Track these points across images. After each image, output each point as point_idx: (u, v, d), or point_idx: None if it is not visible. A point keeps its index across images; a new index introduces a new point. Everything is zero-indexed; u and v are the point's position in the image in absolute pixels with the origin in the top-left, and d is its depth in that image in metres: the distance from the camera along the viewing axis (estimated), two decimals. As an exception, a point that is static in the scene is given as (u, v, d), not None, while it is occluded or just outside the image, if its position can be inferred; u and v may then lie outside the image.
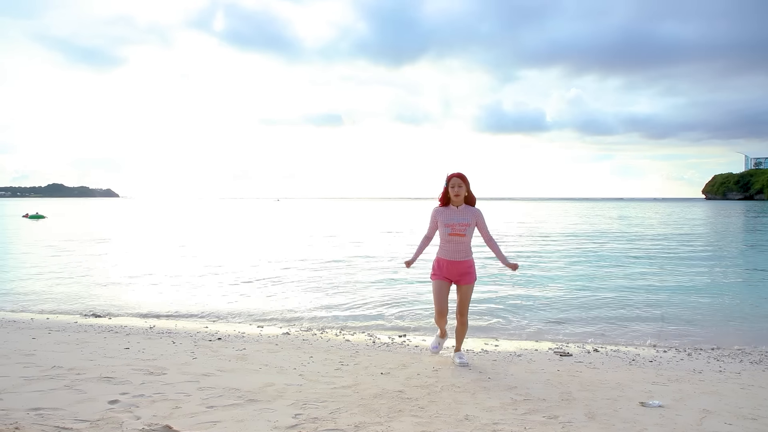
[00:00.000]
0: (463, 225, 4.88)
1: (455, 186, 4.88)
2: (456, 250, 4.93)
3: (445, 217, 4.94)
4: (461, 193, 4.89)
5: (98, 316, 8.41)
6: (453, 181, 4.89)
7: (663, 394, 4.19)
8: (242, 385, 4.01)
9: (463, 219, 4.90)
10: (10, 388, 3.79)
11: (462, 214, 4.93)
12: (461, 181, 4.89)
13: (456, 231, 4.88)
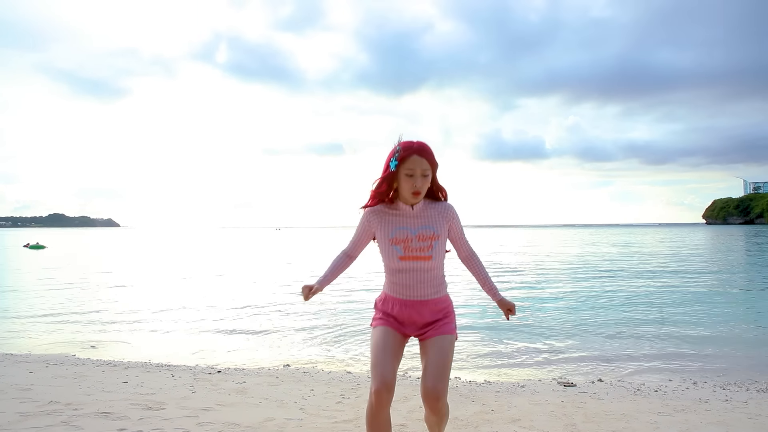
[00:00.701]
0: (427, 238, 2.72)
1: (416, 170, 2.65)
2: (417, 282, 2.75)
3: (390, 225, 2.76)
4: (425, 186, 2.70)
5: (96, 348, 8.33)
6: (411, 161, 2.65)
7: (669, 425, 4.12)
8: (242, 420, 3.95)
9: (425, 227, 2.74)
10: (5, 424, 3.72)
11: (423, 218, 2.76)
12: (427, 162, 2.67)
13: (413, 252, 2.72)
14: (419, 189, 2.67)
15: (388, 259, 2.78)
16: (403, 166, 2.66)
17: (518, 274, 21.14)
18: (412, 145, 2.68)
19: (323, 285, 2.84)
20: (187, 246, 56.00)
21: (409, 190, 2.67)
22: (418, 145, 2.69)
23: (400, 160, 2.66)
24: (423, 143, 2.72)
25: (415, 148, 2.67)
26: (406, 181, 2.67)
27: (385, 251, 2.78)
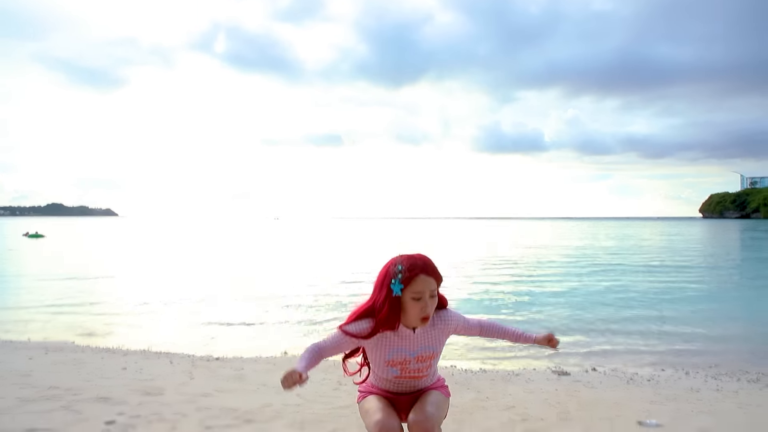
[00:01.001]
0: (426, 359, 2.53)
1: (424, 293, 2.37)
2: (409, 386, 2.59)
3: (386, 348, 2.49)
4: (433, 308, 2.44)
5: (95, 335, 8.40)
6: (419, 282, 2.36)
7: (660, 413, 4.19)
8: (240, 405, 4.00)
9: (425, 348, 2.51)
10: (5, 409, 3.78)
11: (424, 339, 2.50)
12: (434, 281, 2.41)
13: (411, 372, 2.53)
14: (429, 313, 2.40)
15: (380, 372, 2.56)
16: (409, 289, 2.36)
17: (516, 266, 21.23)
18: (416, 263, 2.38)
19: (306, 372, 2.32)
20: (185, 236, 56.02)
21: (417, 315, 2.39)
22: (421, 260, 2.40)
23: (405, 282, 2.36)
24: (425, 257, 2.45)
25: (420, 265, 2.38)
26: (413, 306, 2.37)
27: (377, 365, 2.55)
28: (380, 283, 2.43)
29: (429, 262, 2.41)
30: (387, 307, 2.38)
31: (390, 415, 2.46)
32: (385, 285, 2.39)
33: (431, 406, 2.49)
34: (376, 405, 2.51)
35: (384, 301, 2.39)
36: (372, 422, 2.43)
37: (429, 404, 2.50)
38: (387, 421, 2.41)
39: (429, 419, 2.42)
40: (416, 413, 2.46)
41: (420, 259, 2.41)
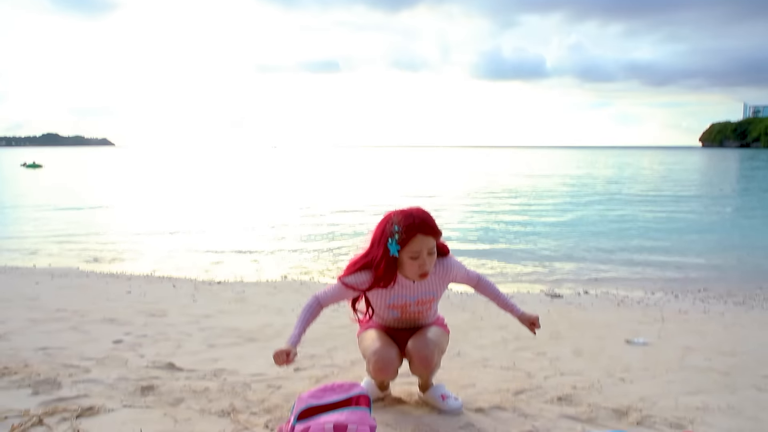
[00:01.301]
0: (426, 302, 2.60)
1: (422, 252, 2.36)
2: (410, 323, 2.69)
3: (387, 294, 2.54)
4: (432, 264, 2.43)
5: (99, 261, 8.56)
6: (416, 243, 2.34)
7: (648, 332, 4.34)
8: (242, 325, 4.14)
9: (425, 293, 2.56)
10: (17, 329, 3.91)
11: (424, 285, 2.54)
12: (433, 239, 2.39)
13: (411, 314, 2.63)
14: (427, 270, 2.40)
15: (382, 313, 2.65)
16: (407, 249, 2.34)
17: (515, 196, 21.33)
18: (413, 223, 2.33)
19: (297, 344, 2.45)
20: (183, 166, 55.84)
21: (415, 273, 2.40)
22: (419, 219, 2.34)
23: (402, 243, 2.33)
24: (423, 213, 2.39)
25: (418, 225, 2.32)
26: (411, 265, 2.38)
27: (378, 308, 2.63)
28: (377, 240, 2.42)
29: (427, 219, 2.37)
30: (383, 266, 2.40)
31: (388, 345, 2.55)
32: (382, 244, 2.38)
33: (430, 333, 2.60)
34: (375, 336, 2.61)
35: (381, 259, 2.40)
36: (370, 351, 2.53)
37: (428, 332, 2.61)
38: (384, 351, 2.50)
39: (428, 345, 2.52)
40: (415, 340, 2.55)
41: (418, 217, 2.35)
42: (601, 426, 2.46)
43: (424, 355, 2.49)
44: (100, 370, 3.06)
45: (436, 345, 2.55)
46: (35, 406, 2.51)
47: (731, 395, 2.88)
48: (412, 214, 2.36)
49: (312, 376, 3.05)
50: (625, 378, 3.13)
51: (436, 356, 2.54)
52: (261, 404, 2.62)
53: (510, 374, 3.16)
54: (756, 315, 5.34)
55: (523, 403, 2.70)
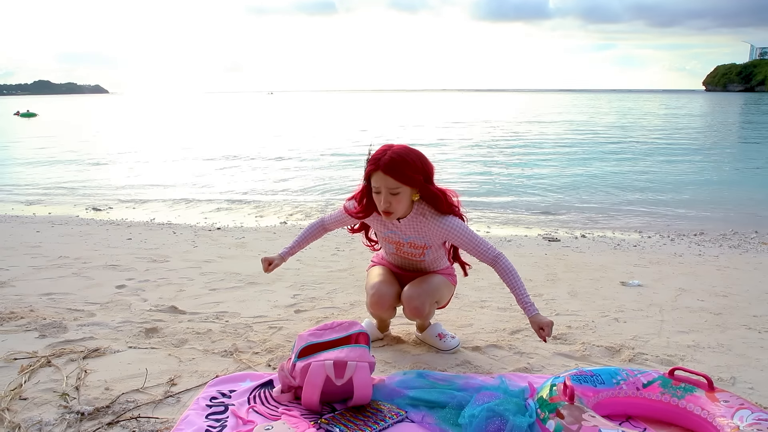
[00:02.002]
0: (419, 247, 2.55)
1: (380, 189, 2.32)
2: (412, 266, 2.69)
3: (383, 227, 2.57)
4: (397, 206, 2.34)
5: (99, 209, 8.58)
6: (375, 178, 2.32)
7: (643, 274, 4.41)
8: (242, 269, 4.20)
9: (415, 238, 2.52)
10: (20, 276, 3.96)
11: (413, 229, 2.49)
12: (395, 181, 2.28)
13: (406, 255, 2.62)
14: (386, 209, 2.33)
15: (382, 245, 2.73)
16: (371, 181, 2.35)
17: (516, 139, 21.19)
18: (379, 159, 2.28)
19: (286, 257, 2.66)
20: (180, 113, 55.19)
21: (379, 207, 2.38)
22: (387, 159, 2.26)
23: (366, 174, 2.36)
24: (396, 154, 2.28)
25: (381, 163, 2.27)
26: (376, 198, 2.37)
27: (379, 238, 2.70)
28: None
29: (396, 158, 2.27)
30: (360, 194, 2.49)
31: (388, 283, 2.60)
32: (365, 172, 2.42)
33: (427, 284, 2.57)
34: (378, 273, 2.69)
35: (361, 191, 2.48)
36: (369, 285, 2.61)
37: (425, 282, 2.57)
38: (382, 287, 2.56)
39: (420, 296, 2.51)
40: (410, 288, 2.56)
41: (387, 153, 2.29)
42: (594, 363, 2.53)
43: (415, 306, 2.52)
44: (105, 313, 3.13)
45: (430, 296, 2.54)
46: (43, 348, 2.58)
47: (721, 334, 2.95)
48: (384, 150, 2.32)
49: (312, 318, 3.11)
50: (618, 318, 3.20)
51: (428, 307, 2.53)
52: (263, 344, 2.68)
53: (506, 315, 3.22)
54: (750, 258, 5.41)
55: (518, 342, 2.77)
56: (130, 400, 2.10)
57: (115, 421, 1.94)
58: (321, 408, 2.03)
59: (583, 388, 1.90)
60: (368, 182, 2.37)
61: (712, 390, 1.88)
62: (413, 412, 2.00)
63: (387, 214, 2.36)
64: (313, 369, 1.99)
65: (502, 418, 1.78)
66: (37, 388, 2.18)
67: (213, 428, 1.89)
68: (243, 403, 2.08)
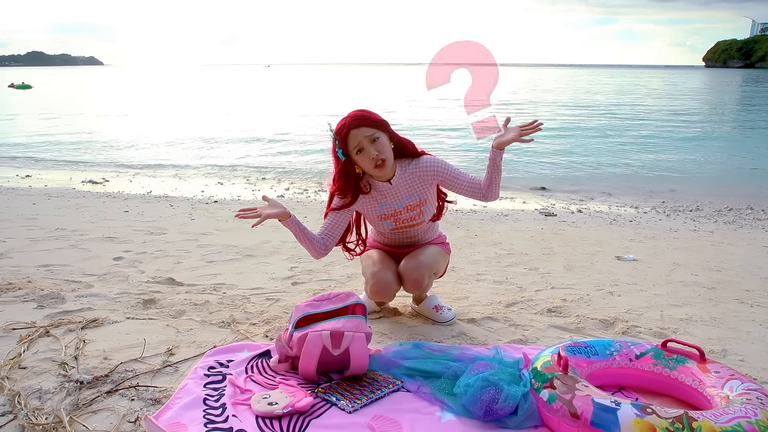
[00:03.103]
0: (415, 206, 2.55)
1: (362, 142, 2.34)
2: (409, 238, 2.70)
3: (373, 204, 2.55)
4: (384, 151, 2.37)
5: (95, 182, 8.55)
6: (351, 137, 2.35)
7: (638, 249, 4.44)
8: (239, 242, 4.21)
9: (410, 197, 2.52)
10: (18, 248, 3.96)
11: (405, 187, 2.51)
12: (368, 127, 2.36)
13: (404, 223, 2.59)
14: (378, 156, 2.35)
15: (377, 227, 2.67)
16: (348, 147, 2.38)
17: (514, 113, 21.10)
18: (344, 123, 2.38)
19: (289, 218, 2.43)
20: (177, 85, 54.66)
21: (370, 165, 2.38)
22: (349, 118, 2.37)
23: (341, 143, 2.39)
24: (354, 112, 2.40)
25: (347, 122, 2.36)
26: (362, 159, 2.37)
27: (373, 222, 2.65)
28: (333, 157, 2.48)
29: (356, 113, 2.38)
30: (339, 175, 2.45)
31: (387, 267, 2.59)
32: (334, 155, 2.46)
33: (424, 255, 2.59)
34: (375, 257, 2.65)
35: (337, 171, 2.46)
36: (369, 273, 2.60)
37: (422, 254, 2.60)
38: (383, 274, 2.54)
39: (419, 268, 2.53)
40: (408, 261, 2.58)
41: (347, 116, 2.39)
42: (588, 335, 2.56)
43: (415, 278, 2.53)
44: (102, 285, 3.14)
45: (428, 267, 2.56)
46: (41, 319, 2.59)
47: (714, 307, 2.98)
48: (343, 118, 2.41)
49: (309, 290, 3.13)
50: (613, 291, 3.22)
51: (427, 279, 2.55)
52: (260, 315, 2.70)
53: (502, 288, 3.25)
54: (744, 233, 5.44)
55: (514, 314, 2.79)
56: (128, 369, 2.12)
57: (114, 390, 1.96)
58: (318, 378, 2.06)
59: (577, 359, 1.92)
60: (343, 157, 2.40)
61: (704, 361, 1.90)
62: (409, 382, 2.02)
63: (380, 166, 2.37)
64: (310, 339, 2.01)
65: (496, 387, 1.81)
66: (36, 357, 2.20)
67: (211, 397, 1.92)
68: (240, 372, 2.10)
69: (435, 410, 1.87)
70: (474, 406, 1.79)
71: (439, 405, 1.89)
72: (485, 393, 1.80)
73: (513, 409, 1.77)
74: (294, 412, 1.82)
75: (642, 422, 1.53)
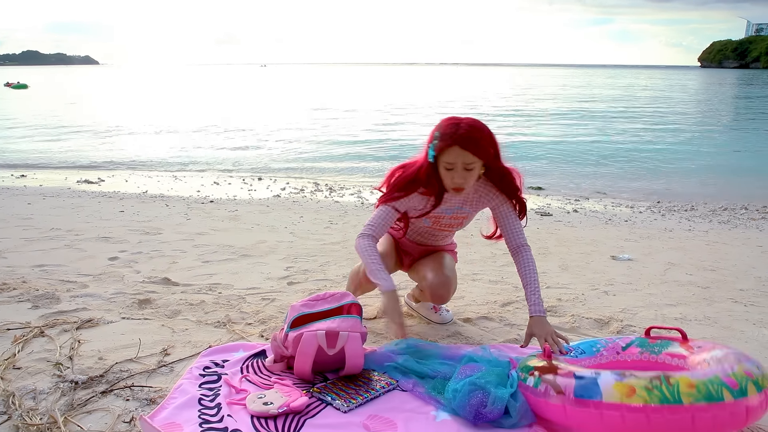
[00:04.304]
0: (460, 217, 2.47)
1: (456, 164, 2.15)
2: (430, 237, 2.61)
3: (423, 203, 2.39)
4: (470, 180, 2.20)
5: (90, 182, 8.53)
6: (451, 154, 2.13)
7: (633, 249, 4.45)
8: (235, 242, 4.21)
9: (461, 209, 2.43)
10: (12, 248, 3.94)
11: (464, 201, 2.39)
12: (472, 155, 2.13)
13: (442, 226, 2.51)
14: (460, 185, 2.19)
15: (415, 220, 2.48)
16: (442, 158, 2.15)
17: (510, 112, 21.11)
18: (455, 133, 2.11)
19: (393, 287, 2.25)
20: (172, 84, 54.55)
21: (449, 185, 2.22)
22: (463, 132, 2.10)
23: (438, 150, 2.15)
24: (471, 126, 2.13)
25: (457, 137, 2.10)
26: (446, 175, 2.19)
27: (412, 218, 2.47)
28: (426, 145, 2.26)
29: (472, 133, 2.12)
30: (424, 173, 2.26)
31: (386, 255, 2.51)
32: (425, 148, 2.24)
33: (447, 269, 2.51)
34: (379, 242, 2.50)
35: (423, 165, 2.26)
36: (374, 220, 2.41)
37: (445, 268, 2.52)
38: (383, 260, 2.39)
39: (444, 284, 2.47)
40: (432, 275, 2.48)
41: (463, 127, 2.12)
42: (583, 335, 2.57)
43: (441, 294, 2.48)
44: (98, 285, 3.13)
45: (453, 282, 2.52)
46: (36, 319, 2.58)
47: (708, 307, 3.00)
48: (458, 124, 2.13)
49: (305, 290, 3.13)
50: (608, 291, 3.23)
51: (453, 293, 2.53)
52: (256, 315, 2.70)
53: (498, 287, 3.26)
54: (738, 233, 5.47)
55: (509, 314, 2.80)
56: (123, 369, 2.11)
57: (109, 390, 1.96)
58: (313, 377, 2.06)
59: (565, 360, 1.93)
60: (432, 159, 2.20)
61: (687, 341, 1.93)
62: (404, 382, 2.03)
63: (456, 190, 2.22)
64: (306, 339, 2.01)
65: (484, 390, 1.82)
66: (30, 357, 2.19)
67: (206, 397, 1.92)
68: (236, 372, 2.10)
69: (430, 410, 1.87)
70: (463, 411, 1.80)
71: (434, 404, 1.89)
72: (473, 397, 1.80)
73: (502, 411, 1.78)
74: (289, 411, 1.82)
75: (621, 384, 1.56)
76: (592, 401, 1.58)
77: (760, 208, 6.91)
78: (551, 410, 1.71)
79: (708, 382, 1.51)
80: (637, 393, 1.53)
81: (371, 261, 2.28)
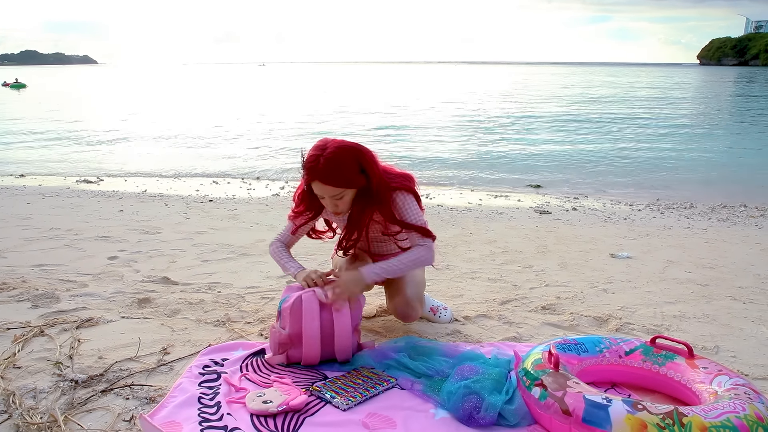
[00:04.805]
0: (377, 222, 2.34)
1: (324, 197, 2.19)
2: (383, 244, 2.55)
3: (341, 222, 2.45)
4: (344, 206, 2.20)
5: (90, 182, 8.53)
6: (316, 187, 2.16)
7: (632, 247, 4.46)
8: (234, 241, 4.21)
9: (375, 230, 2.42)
10: (12, 247, 3.95)
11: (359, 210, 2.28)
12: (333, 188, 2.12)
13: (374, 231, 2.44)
14: (336, 211, 2.22)
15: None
16: (312, 186, 2.19)
17: (508, 112, 21.11)
18: (314, 168, 2.09)
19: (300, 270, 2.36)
20: (171, 84, 54.51)
21: (328, 209, 2.28)
22: (321, 167, 2.07)
23: (305, 181, 2.22)
24: (330, 160, 2.07)
25: (317, 173, 2.09)
26: (322, 201, 2.23)
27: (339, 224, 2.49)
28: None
29: (330, 165, 2.07)
30: (300, 199, 2.35)
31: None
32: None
33: (409, 288, 2.41)
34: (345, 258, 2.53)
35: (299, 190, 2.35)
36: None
37: (407, 287, 2.41)
38: None
39: (407, 303, 2.39)
40: (396, 297, 2.42)
41: (322, 162, 2.07)
42: (581, 333, 2.57)
43: (406, 314, 2.43)
44: (97, 284, 3.13)
45: (417, 299, 2.43)
46: (35, 318, 2.59)
47: (707, 304, 3.00)
48: (318, 157, 2.09)
49: (304, 289, 3.13)
50: (607, 289, 3.24)
51: (419, 310, 2.46)
52: (255, 314, 2.71)
53: (497, 285, 3.26)
54: (737, 231, 5.47)
55: (508, 312, 2.80)
56: (123, 368, 2.12)
57: (109, 389, 1.97)
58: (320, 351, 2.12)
59: (567, 356, 1.93)
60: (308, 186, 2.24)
61: (692, 357, 1.92)
62: (403, 380, 2.03)
63: (337, 214, 2.29)
64: (306, 298, 2.09)
65: (478, 396, 1.82)
66: (30, 357, 2.20)
67: (206, 395, 1.92)
68: (235, 371, 2.11)
69: (429, 408, 1.88)
70: (457, 413, 1.81)
71: (433, 402, 1.90)
72: (467, 401, 1.81)
73: (495, 419, 1.78)
74: (288, 410, 1.83)
75: (633, 418, 1.54)
76: (600, 431, 1.56)
77: (759, 205, 6.91)
78: (554, 427, 1.70)
79: (721, 426, 1.50)
80: (648, 430, 1.51)
81: (280, 258, 2.47)
